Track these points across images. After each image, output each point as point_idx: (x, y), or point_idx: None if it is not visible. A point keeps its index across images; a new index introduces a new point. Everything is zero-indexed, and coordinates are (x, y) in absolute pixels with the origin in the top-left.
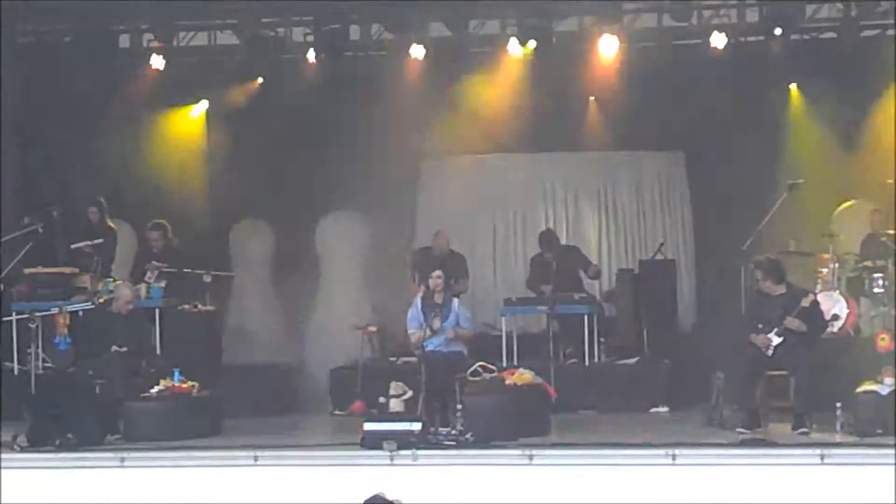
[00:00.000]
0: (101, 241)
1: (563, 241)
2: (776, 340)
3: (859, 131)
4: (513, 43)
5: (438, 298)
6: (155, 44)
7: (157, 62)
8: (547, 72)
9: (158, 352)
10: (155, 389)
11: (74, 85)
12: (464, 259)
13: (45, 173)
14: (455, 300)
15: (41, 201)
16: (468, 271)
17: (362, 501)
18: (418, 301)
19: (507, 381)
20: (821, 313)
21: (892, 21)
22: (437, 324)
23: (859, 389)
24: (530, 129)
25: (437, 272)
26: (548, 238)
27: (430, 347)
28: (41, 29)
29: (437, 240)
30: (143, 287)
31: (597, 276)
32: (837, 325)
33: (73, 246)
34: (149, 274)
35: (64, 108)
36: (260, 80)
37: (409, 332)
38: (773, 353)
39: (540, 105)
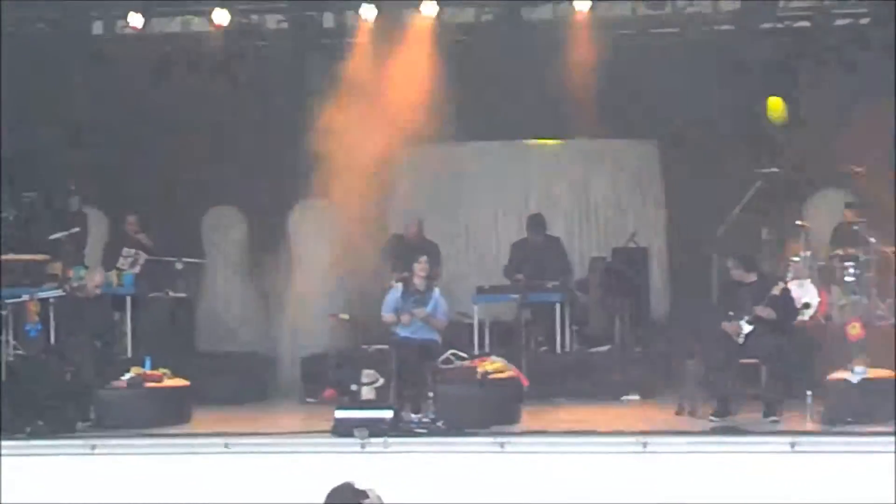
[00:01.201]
0: (77, 230)
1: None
2: (747, 329)
3: (832, 120)
4: (486, 30)
5: (420, 285)
6: (128, 30)
7: (131, 48)
8: (521, 60)
9: (129, 339)
10: (126, 377)
11: (48, 71)
12: (436, 247)
13: (18, 161)
14: (437, 289)
15: (13, 189)
16: (440, 259)
17: (331, 489)
18: (399, 286)
19: (479, 369)
20: (791, 301)
21: (864, 10)
22: (417, 314)
23: (830, 377)
24: (504, 117)
25: (424, 257)
26: (538, 222)
27: (402, 335)
28: (17, 16)
29: (408, 228)
30: (113, 274)
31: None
32: (809, 313)
33: (51, 237)
34: (121, 260)
35: (38, 96)
36: (232, 66)
37: (384, 315)
38: (743, 342)
39: (513, 93)
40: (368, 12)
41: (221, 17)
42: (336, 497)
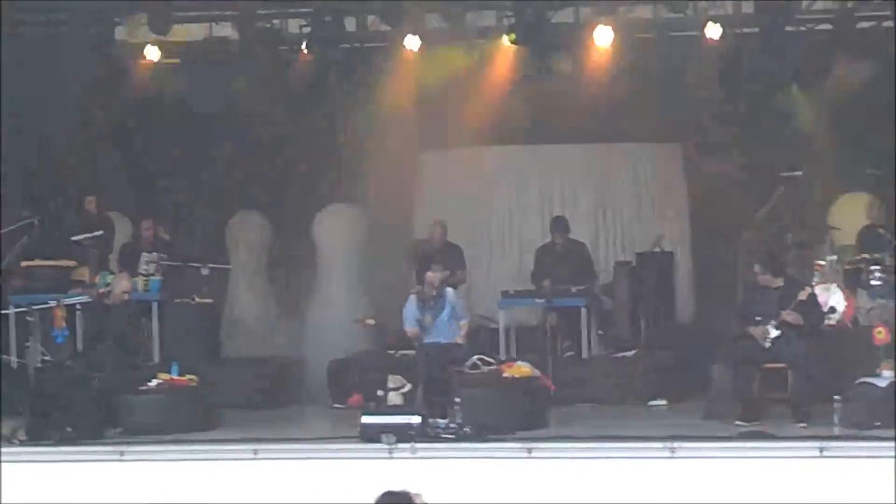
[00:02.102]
0: (100, 233)
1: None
2: (773, 333)
3: (856, 123)
4: (509, 34)
5: (432, 291)
6: (151, 36)
7: (153, 53)
8: (543, 63)
9: (156, 345)
10: (153, 383)
11: (71, 76)
12: (460, 250)
13: (43, 166)
14: (450, 290)
15: (38, 194)
16: (465, 262)
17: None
18: (413, 297)
19: (505, 374)
20: (818, 306)
21: (888, 13)
22: (428, 319)
23: (857, 382)
24: (527, 120)
25: (437, 266)
26: (562, 224)
27: (428, 340)
28: (39, 20)
29: (434, 230)
30: (140, 280)
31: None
32: (835, 317)
33: (73, 239)
34: (144, 266)
35: (60, 100)
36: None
37: (406, 329)
38: (770, 346)
39: (536, 97)
40: (391, 18)
41: (243, 21)
42: (390, 499)
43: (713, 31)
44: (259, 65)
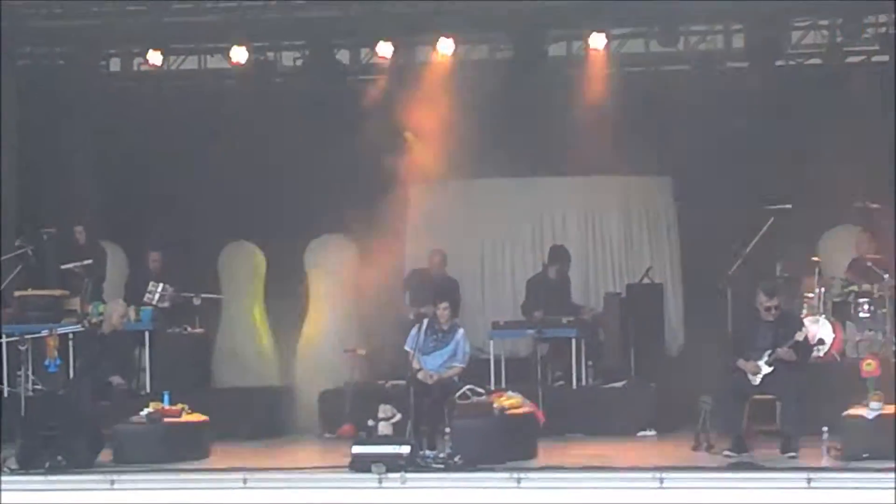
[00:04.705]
0: (90, 261)
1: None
2: (765, 370)
3: (845, 156)
4: (500, 67)
5: (445, 325)
6: (146, 67)
7: (148, 85)
8: (535, 96)
9: (148, 375)
10: (144, 412)
11: (66, 107)
12: (456, 283)
13: (39, 195)
14: (461, 330)
15: (34, 223)
16: (459, 296)
17: None
18: (424, 322)
19: (495, 405)
20: (807, 339)
21: (876, 48)
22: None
23: (846, 413)
24: (518, 153)
25: (445, 304)
26: (560, 253)
27: (420, 366)
28: (37, 52)
29: (432, 258)
30: (132, 310)
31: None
32: (823, 349)
33: (62, 266)
34: (148, 295)
35: (58, 131)
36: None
37: (406, 347)
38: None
39: (528, 129)
40: (385, 50)
41: (238, 54)
42: None
43: (704, 65)
44: (252, 95)
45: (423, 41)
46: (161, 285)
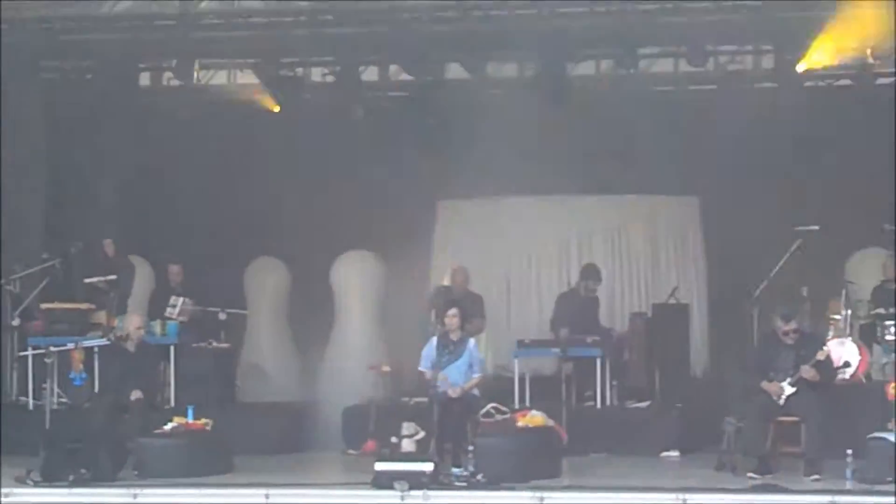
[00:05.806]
0: (114, 277)
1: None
2: (789, 391)
3: (873, 178)
4: (526, 85)
5: (454, 336)
6: (174, 81)
7: (177, 99)
8: (563, 115)
9: (173, 389)
10: (168, 426)
11: (94, 121)
12: (480, 299)
13: (67, 208)
14: (471, 340)
15: (61, 237)
16: (484, 312)
17: None
18: (434, 339)
19: (519, 423)
20: (832, 361)
21: None
22: (444, 362)
23: (870, 437)
24: (545, 171)
25: (453, 310)
26: (593, 272)
27: (442, 388)
28: (66, 66)
29: (455, 276)
30: (157, 323)
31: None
32: (849, 372)
33: (86, 280)
34: (169, 309)
35: (86, 145)
36: (277, 119)
37: (420, 368)
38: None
39: (555, 148)
40: (412, 67)
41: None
42: None
43: (733, 85)
44: (280, 111)
45: (450, 59)
46: (182, 299)
